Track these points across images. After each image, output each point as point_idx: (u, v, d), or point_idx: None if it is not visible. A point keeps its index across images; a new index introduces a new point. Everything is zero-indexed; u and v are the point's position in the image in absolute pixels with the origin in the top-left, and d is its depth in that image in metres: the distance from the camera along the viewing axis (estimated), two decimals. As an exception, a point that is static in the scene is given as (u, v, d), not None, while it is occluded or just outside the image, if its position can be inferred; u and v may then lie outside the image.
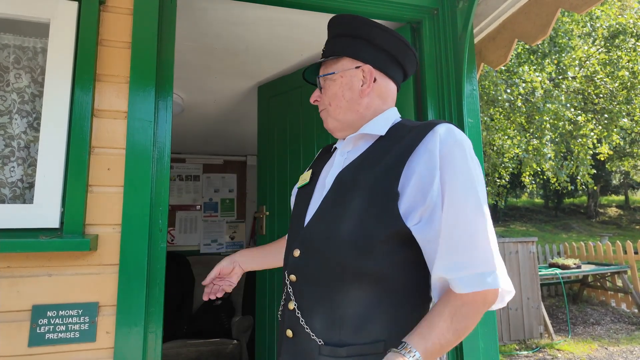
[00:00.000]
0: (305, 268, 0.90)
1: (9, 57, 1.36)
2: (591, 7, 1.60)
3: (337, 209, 0.87)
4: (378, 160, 0.88)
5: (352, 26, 0.99)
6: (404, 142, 0.87)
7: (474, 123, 1.68)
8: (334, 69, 1.00)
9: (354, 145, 0.98)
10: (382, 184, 0.83)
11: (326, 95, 1.01)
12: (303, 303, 0.88)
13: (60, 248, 1.17)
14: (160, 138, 1.37)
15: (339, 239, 0.83)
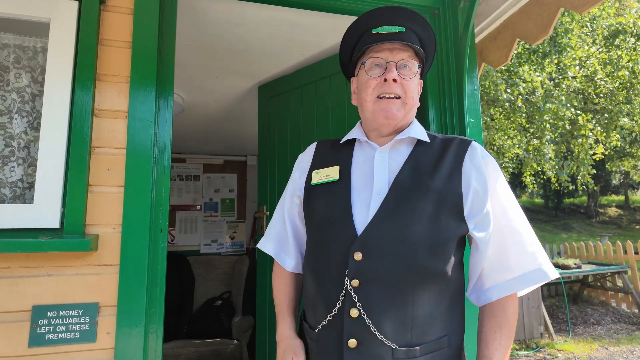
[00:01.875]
0: (372, 271, 0.86)
1: (9, 57, 1.36)
2: (592, 7, 1.60)
3: (405, 210, 0.89)
4: (435, 166, 0.94)
5: (434, 44, 1.08)
6: (449, 152, 0.96)
7: (475, 123, 1.68)
8: (414, 67, 1.00)
9: (392, 147, 0.99)
10: (449, 190, 0.91)
11: (411, 86, 0.99)
12: (372, 308, 0.85)
13: (60, 248, 1.16)
14: (161, 138, 1.37)
15: (411, 240, 0.87)
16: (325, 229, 0.94)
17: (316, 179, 1.01)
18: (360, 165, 0.99)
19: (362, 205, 0.92)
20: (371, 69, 0.98)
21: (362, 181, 0.96)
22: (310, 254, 0.99)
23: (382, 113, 0.96)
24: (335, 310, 0.88)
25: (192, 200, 4.46)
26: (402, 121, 0.99)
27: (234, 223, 4.52)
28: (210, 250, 4.36)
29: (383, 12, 1.02)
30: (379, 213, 0.89)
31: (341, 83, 2.09)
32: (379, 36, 0.98)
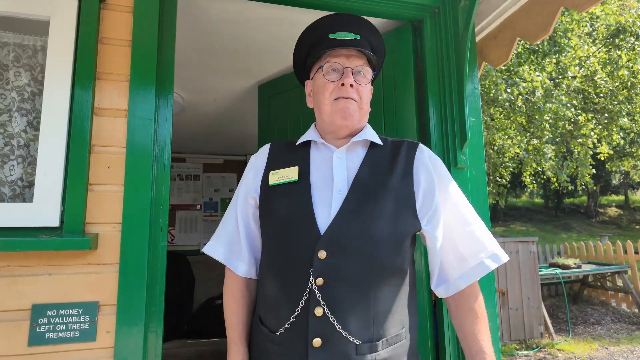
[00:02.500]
0: (337, 269, 0.87)
1: (9, 55, 1.36)
2: (592, 6, 1.59)
3: (366, 208, 0.92)
4: (390, 166, 0.99)
5: (384, 54, 1.16)
6: (400, 154, 1.02)
7: (475, 122, 1.68)
8: (368, 75, 1.05)
9: (349, 149, 1.03)
10: (405, 189, 0.97)
11: (365, 92, 1.04)
12: (337, 306, 0.86)
13: (60, 247, 1.16)
14: (161, 137, 1.37)
15: (374, 237, 0.90)
16: (287, 229, 0.94)
17: (274, 179, 1.00)
18: (318, 166, 1.01)
19: (323, 204, 0.94)
20: (328, 73, 1.02)
21: (322, 181, 0.98)
22: (271, 255, 0.98)
23: (340, 113, 1.00)
24: (298, 310, 0.88)
25: (192, 200, 4.46)
26: (357, 124, 1.03)
27: (234, 223, 4.51)
28: (210, 250, 4.35)
29: (340, 18, 1.07)
30: (341, 211, 0.91)
31: (341, 82, 2.09)
32: (335, 41, 1.02)
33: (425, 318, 1.63)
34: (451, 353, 1.55)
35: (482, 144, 1.70)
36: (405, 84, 1.79)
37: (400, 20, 1.83)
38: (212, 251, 1.09)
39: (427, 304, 1.63)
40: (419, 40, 1.81)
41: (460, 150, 1.62)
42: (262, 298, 1.00)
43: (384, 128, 1.85)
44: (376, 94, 1.89)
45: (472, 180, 1.65)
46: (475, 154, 1.67)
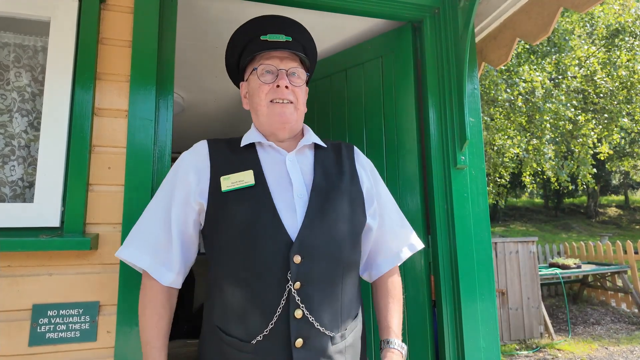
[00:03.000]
0: (311, 271, 0.91)
1: (9, 56, 1.36)
2: (592, 6, 1.60)
3: (329, 212, 0.96)
4: (338, 169, 1.05)
5: (316, 55, 1.20)
6: (342, 156, 1.09)
7: (475, 122, 1.68)
8: (302, 76, 1.08)
9: (298, 152, 1.05)
10: (355, 189, 1.04)
11: (300, 93, 1.06)
12: (313, 306, 0.90)
13: (60, 247, 1.16)
14: (161, 137, 1.37)
15: (337, 238, 0.96)
16: (250, 235, 0.91)
17: (227, 185, 0.95)
18: (271, 169, 1.00)
19: (287, 209, 0.94)
20: (263, 75, 1.03)
21: (279, 185, 0.97)
22: (231, 263, 0.93)
23: (278, 117, 1.01)
24: (277, 316, 0.88)
25: (192, 200, 4.45)
26: (295, 126, 1.05)
27: (234, 223, 4.51)
28: (210, 250, 4.35)
29: (271, 20, 1.10)
30: (308, 216, 0.93)
31: (341, 82, 2.09)
32: (267, 43, 1.03)
33: (425, 318, 1.63)
34: (451, 353, 1.55)
35: (482, 144, 1.70)
36: (405, 84, 1.79)
37: (400, 20, 1.83)
38: (134, 258, 0.97)
39: (426, 305, 1.64)
40: (419, 41, 1.81)
41: (460, 150, 1.63)
42: (221, 307, 0.95)
43: (383, 128, 1.85)
44: (376, 95, 1.90)
45: (471, 181, 1.65)
46: (475, 154, 1.67)
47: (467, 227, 1.60)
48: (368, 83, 1.94)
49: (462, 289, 1.55)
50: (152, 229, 0.98)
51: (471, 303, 1.56)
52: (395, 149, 1.79)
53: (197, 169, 0.99)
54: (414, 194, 1.72)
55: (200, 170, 0.99)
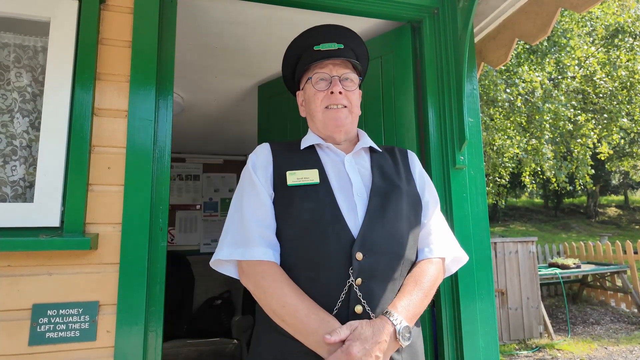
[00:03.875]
0: (373, 268, 0.93)
1: (10, 56, 1.36)
2: (591, 7, 1.60)
3: (389, 211, 1.00)
4: (395, 171, 1.09)
5: (367, 58, 1.23)
6: (398, 160, 1.13)
7: (474, 122, 1.68)
8: (355, 80, 1.12)
9: (355, 155, 1.10)
10: (412, 191, 1.08)
11: (354, 97, 1.11)
12: (373, 302, 0.92)
13: (60, 247, 1.17)
14: (161, 137, 1.37)
15: (399, 237, 0.99)
16: (317, 231, 0.94)
17: (292, 180, 1.00)
18: (332, 169, 1.05)
19: (348, 207, 0.98)
20: (317, 82, 1.09)
21: (339, 184, 1.02)
22: (294, 257, 0.96)
23: (333, 122, 1.07)
24: (336, 310, 0.90)
25: (192, 200, 4.46)
26: (350, 128, 1.11)
27: (234, 223, 4.51)
28: (210, 250, 4.36)
29: (322, 30, 1.13)
30: (368, 214, 0.97)
31: (341, 83, 2.09)
32: (320, 53, 1.09)
33: (424, 319, 1.63)
34: (450, 354, 1.55)
35: (481, 144, 1.70)
36: (404, 84, 1.80)
37: (399, 21, 1.84)
38: (256, 255, 0.95)
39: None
40: (418, 41, 1.81)
41: (459, 150, 1.63)
42: None
43: (383, 128, 1.85)
44: (375, 95, 1.90)
45: (470, 181, 1.65)
46: (474, 155, 1.68)
47: (466, 227, 1.61)
48: (367, 83, 1.94)
49: (461, 289, 1.55)
50: (253, 223, 0.98)
51: (470, 303, 1.56)
52: (394, 149, 1.80)
53: (262, 165, 1.05)
54: (413, 194, 1.72)
55: (264, 166, 1.05)
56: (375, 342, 0.84)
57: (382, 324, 0.88)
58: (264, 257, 0.95)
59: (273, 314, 0.93)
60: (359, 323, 0.87)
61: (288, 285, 0.92)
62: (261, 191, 1.01)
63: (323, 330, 0.86)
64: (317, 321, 0.87)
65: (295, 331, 0.90)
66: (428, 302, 1.00)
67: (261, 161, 1.06)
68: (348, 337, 0.85)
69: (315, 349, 0.87)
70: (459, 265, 1.15)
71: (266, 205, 1.00)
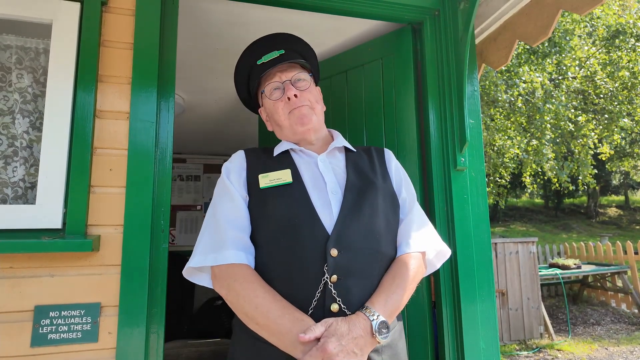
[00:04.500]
0: (348, 265, 0.92)
1: (12, 58, 1.36)
2: (592, 9, 1.60)
3: (364, 207, 0.99)
4: (370, 169, 1.09)
5: (314, 55, 1.24)
6: (373, 158, 1.13)
7: (475, 124, 1.68)
8: (307, 77, 1.12)
9: (329, 155, 1.10)
10: (388, 187, 1.08)
11: (311, 94, 1.11)
12: (349, 300, 0.90)
13: (62, 249, 1.17)
14: (162, 139, 1.37)
15: (375, 232, 0.98)
16: (289, 230, 0.94)
17: (265, 182, 1.01)
18: (305, 170, 1.05)
19: (323, 205, 0.98)
20: (272, 93, 1.10)
21: (313, 184, 1.02)
22: (269, 257, 0.95)
23: (299, 120, 1.07)
24: (311, 309, 0.89)
25: (193, 201, 4.46)
26: (317, 125, 1.11)
27: (235, 223, 4.52)
28: (210, 250, 4.36)
29: (260, 43, 1.15)
30: (343, 211, 0.97)
31: (341, 83, 2.10)
32: (265, 65, 1.09)
33: (425, 320, 1.63)
34: (450, 355, 1.55)
35: (482, 145, 1.70)
36: (405, 86, 1.80)
37: (400, 22, 1.84)
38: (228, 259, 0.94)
39: (426, 305, 1.64)
40: (419, 43, 1.82)
41: (460, 152, 1.63)
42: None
43: (383, 130, 1.85)
44: (376, 96, 1.90)
45: (471, 182, 1.66)
46: (475, 156, 1.68)
47: (466, 228, 1.61)
48: (368, 84, 1.95)
49: (462, 290, 1.56)
50: (227, 226, 0.98)
51: (471, 304, 1.56)
52: (395, 150, 1.80)
53: (236, 171, 1.06)
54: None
55: (238, 172, 1.05)
56: (352, 338, 0.83)
57: (357, 319, 0.86)
58: (237, 260, 0.93)
59: (246, 317, 0.91)
60: (334, 320, 0.85)
61: (261, 286, 0.91)
62: (235, 196, 1.01)
63: (297, 329, 0.84)
64: (291, 321, 0.86)
65: (268, 333, 0.88)
66: (408, 298, 0.97)
67: (234, 167, 1.07)
68: (323, 333, 0.83)
69: (289, 351, 0.85)
70: (443, 259, 1.14)
71: (240, 208, 1.00)
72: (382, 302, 0.91)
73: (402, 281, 0.96)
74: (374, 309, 0.89)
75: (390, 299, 0.92)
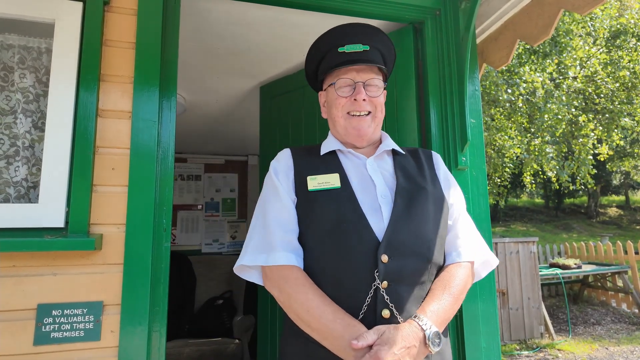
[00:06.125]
0: (399, 271, 0.91)
1: (14, 57, 1.37)
2: (593, 8, 1.61)
3: (414, 213, 0.97)
4: (419, 173, 1.07)
5: (394, 59, 1.18)
6: (422, 161, 1.10)
7: (476, 123, 1.69)
8: (380, 84, 1.09)
9: (377, 158, 1.08)
10: (438, 192, 1.06)
11: (378, 102, 1.08)
12: (401, 306, 0.89)
13: (65, 247, 1.17)
14: (164, 138, 1.38)
15: (426, 239, 0.97)
16: (340, 235, 0.93)
17: (314, 185, 1.00)
18: (354, 172, 1.03)
19: (372, 210, 0.96)
20: (340, 88, 1.05)
21: (362, 187, 1.00)
22: (319, 261, 0.95)
23: (354, 131, 1.05)
24: (362, 314, 0.89)
25: (194, 200, 4.47)
26: (372, 135, 1.09)
27: (235, 223, 4.53)
28: (211, 250, 4.37)
29: (347, 29, 1.09)
30: (393, 217, 0.95)
31: (343, 83, 2.10)
32: (344, 55, 1.05)
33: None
34: (452, 354, 1.56)
35: (483, 145, 1.71)
36: (406, 85, 1.80)
37: (401, 22, 1.84)
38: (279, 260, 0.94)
39: (428, 304, 1.64)
40: (420, 42, 1.82)
41: (461, 151, 1.64)
42: None
43: (385, 130, 1.85)
44: (377, 96, 1.90)
45: (472, 181, 1.66)
46: (476, 155, 1.68)
47: (468, 227, 1.61)
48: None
49: (463, 289, 1.56)
50: (276, 228, 0.98)
51: (472, 304, 1.56)
52: (396, 149, 1.80)
53: (283, 171, 1.04)
54: (415, 194, 1.73)
55: (286, 172, 1.04)
56: (404, 347, 0.82)
57: (411, 328, 0.85)
58: (287, 262, 0.94)
59: (297, 318, 0.92)
60: (387, 327, 0.85)
61: (312, 289, 0.91)
62: (284, 196, 1.00)
63: (349, 335, 0.84)
64: (343, 326, 0.86)
65: (320, 336, 0.88)
66: (457, 308, 0.96)
67: (282, 166, 1.05)
68: (375, 341, 0.82)
69: (341, 355, 0.86)
70: (489, 269, 1.11)
71: (289, 210, 0.99)
72: (434, 311, 0.90)
73: (452, 290, 0.95)
74: (426, 318, 0.88)
75: (442, 308, 0.92)
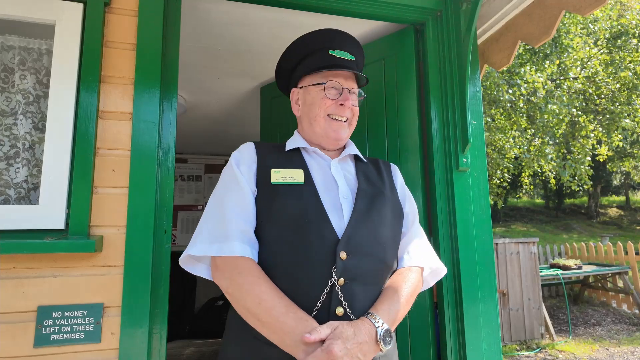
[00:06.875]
0: (356, 269, 0.92)
1: (15, 59, 1.37)
2: (594, 9, 1.60)
3: (374, 214, 1.00)
4: (379, 179, 1.11)
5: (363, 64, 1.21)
6: (381, 169, 1.16)
7: (477, 125, 1.68)
8: (359, 93, 1.14)
9: (341, 160, 1.12)
10: (395, 199, 1.10)
11: (356, 112, 1.13)
12: (354, 304, 0.90)
13: (65, 249, 1.17)
14: (165, 139, 1.37)
15: (382, 241, 0.99)
16: (299, 230, 0.92)
17: (277, 178, 0.99)
18: (317, 171, 1.05)
19: (333, 207, 0.98)
20: (329, 90, 1.08)
21: (324, 186, 1.02)
22: (276, 256, 0.93)
23: (334, 134, 1.07)
24: (315, 311, 0.88)
25: (194, 201, 4.47)
26: (344, 141, 1.14)
27: (236, 223, 4.53)
28: (211, 250, 4.36)
29: (339, 35, 1.12)
30: (354, 216, 0.97)
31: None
32: (336, 59, 1.07)
33: (427, 320, 1.64)
34: (452, 355, 1.56)
35: (484, 146, 1.70)
36: (407, 86, 1.80)
37: (402, 23, 1.84)
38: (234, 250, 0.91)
39: (428, 306, 1.64)
40: (421, 43, 1.82)
41: (462, 153, 1.63)
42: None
43: (385, 131, 1.85)
44: (378, 97, 1.90)
45: (473, 183, 1.66)
46: (477, 157, 1.68)
47: (468, 229, 1.61)
48: (370, 85, 1.95)
49: (464, 290, 1.56)
50: (233, 217, 0.95)
51: (473, 305, 1.56)
52: (397, 151, 1.80)
53: (246, 162, 1.02)
54: (416, 196, 1.72)
55: (248, 164, 1.02)
56: (357, 343, 0.82)
57: (363, 325, 0.86)
58: (242, 253, 0.90)
59: (247, 312, 0.88)
60: (340, 323, 0.84)
61: (266, 282, 0.89)
62: (244, 186, 0.98)
63: (301, 329, 0.83)
64: (295, 320, 0.84)
65: (269, 331, 0.86)
66: (407, 310, 0.98)
67: (245, 158, 1.03)
68: (328, 336, 0.82)
69: (290, 350, 0.84)
70: (437, 278, 1.16)
71: (248, 201, 0.96)
72: (385, 310, 0.91)
73: (404, 293, 0.97)
74: (379, 316, 0.89)
75: (393, 308, 0.93)
